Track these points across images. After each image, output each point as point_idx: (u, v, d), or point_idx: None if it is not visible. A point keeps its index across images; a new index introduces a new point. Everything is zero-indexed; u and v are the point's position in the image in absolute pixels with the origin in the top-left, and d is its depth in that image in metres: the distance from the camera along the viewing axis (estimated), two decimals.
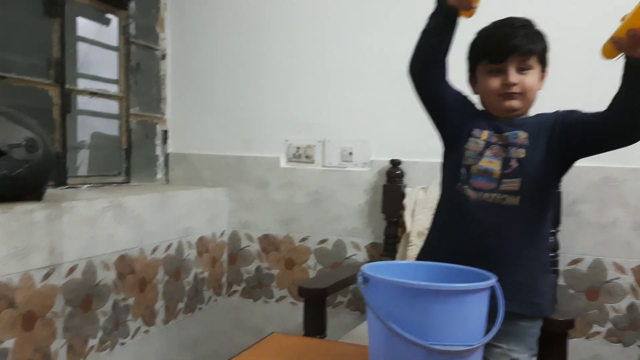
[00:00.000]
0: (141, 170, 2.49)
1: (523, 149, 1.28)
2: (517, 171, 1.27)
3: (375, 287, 1.03)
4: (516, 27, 1.27)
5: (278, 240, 2.45)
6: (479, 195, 1.29)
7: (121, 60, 2.37)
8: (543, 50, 1.30)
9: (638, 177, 1.97)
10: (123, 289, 1.87)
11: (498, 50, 1.27)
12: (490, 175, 1.28)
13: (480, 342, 1.00)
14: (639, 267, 1.98)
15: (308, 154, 2.41)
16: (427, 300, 0.97)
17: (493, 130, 1.31)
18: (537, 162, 1.26)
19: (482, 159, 1.30)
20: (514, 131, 1.30)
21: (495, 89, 1.29)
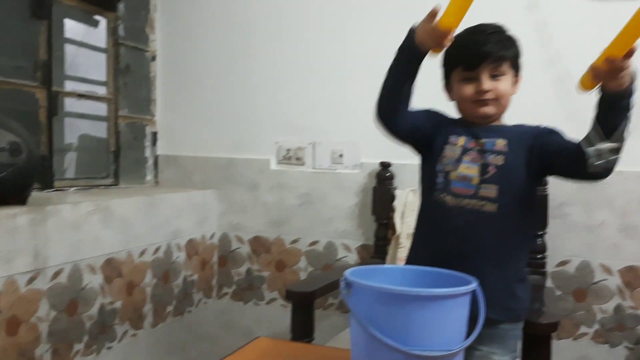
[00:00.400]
0: (130, 172, 2.48)
1: (502, 156, 1.29)
2: (495, 177, 1.27)
3: (357, 292, 1.03)
4: (488, 33, 1.28)
5: (269, 242, 2.45)
6: (457, 201, 1.29)
7: (110, 62, 2.36)
8: (515, 56, 1.32)
9: (624, 180, 1.97)
10: (110, 292, 1.87)
11: (471, 58, 1.28)
12: (469, 181, 1.29)
13: (460, 346, 1.00)
14: (626, 268, 1.98)
15: (298, 155, 2.40)
16: (407, 306, 0.97)
17: (470, 136, 1.32)
18: (516, 169, 1.27)
19: (461, 165, 1.30)
20: (491, 138, 1.30)
21: (469, 96, 1.30)
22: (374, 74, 2.15)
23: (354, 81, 2.30)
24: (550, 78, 2.05)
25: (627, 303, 1.99)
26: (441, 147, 1.34)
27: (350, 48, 2.31)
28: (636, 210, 1.97)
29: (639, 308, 1.98)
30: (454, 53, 1.31)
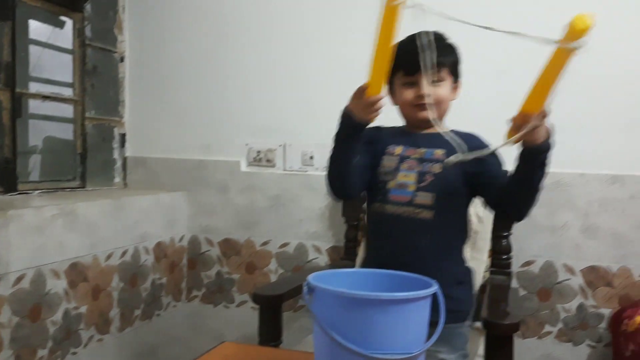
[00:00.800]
0: (98, 174, 2.45)
1: (439, 165, 1.34)
2: (431, 185, 1.32)
3: (319, 296, 1.04)
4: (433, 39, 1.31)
5: (239, 244, 2.44)
6: (395, 209, 1.33)
7: (76, 63, 2.32)
8: (454, 63, 1.38)
9: (586, 182, 2.02)
10: (75, 297, 1.84)
11: (411, 63, 1.32)
12: (406, 189, 1.33)
13: (421, 349, 1.01)
14: (588, 268, 2.03)
15: (269, 157, 2.40)
16: (368, 310, 0.98)
17: (408, 145, 1.37)
18: (452, 179, 1.31)
19: (399, 174, 1.35)
20: (430, 148, 1.35)
21: (409, 100, 1.35)
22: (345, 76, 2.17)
23: (325, 83, 2.31)
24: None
25: (589, 302, 2.03)
26: (380, 158, 1.38)
27: (320, 50, 2.31)
28: (597, 211, 2.01)
29: (600, 307, 2.02)
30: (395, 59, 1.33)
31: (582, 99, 2.03)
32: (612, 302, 2.01)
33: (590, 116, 2.02)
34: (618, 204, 2.00)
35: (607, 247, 2.01)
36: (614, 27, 2.00)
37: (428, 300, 1.03)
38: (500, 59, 2.11)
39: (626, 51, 1.99)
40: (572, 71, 2.05)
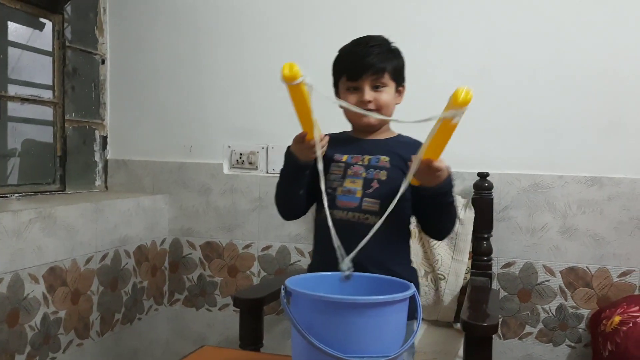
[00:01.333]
0: (78, 177, 2.43)
1: (385, 171, 1.36)
2: (377, 192, 1.35)
3: (296, 301, 1.04)
4: (370, 45, 1.35)
5: (221, 247, 2.43)
6: (343, 214, 1.35)
7: (56, 65, 2.30)
8: (396, 68, 1.38)
9: (564, 184, 2.04)
10: (53, 301, 1.82)
11: (353, 68, 1.36)
12: (354, 195, 1.36)
13: (398, 351, 1.02)
14: (567, 269, 2.05)
15: (251, 160, 2.40)
16: (345, 313, 0.98)
17: (353, 152, 1.40)
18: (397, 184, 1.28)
19: (346, 181, 1.37)
20: (376, 155, 1.38)
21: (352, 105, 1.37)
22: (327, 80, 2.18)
23: None
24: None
25: (568, 303, 2.06)
26: (328, 167, 1.39)
27: (302, 52, 2.31)
28: (575, 213, 2.04)
29: (579, 308, 2.05)
30: (339, 63, 1.41)
31: (560, 102, 2.05)
32: (591, 303, 2.03)
33: (569, 119, 2.05)
34: (596, 205, 2.02)
35: (585, 248, 2.03)
36: (592, 31, 2.03)
37: (405, 303, 1.03)
38: (481, 62, 2.13)
39: (603, 55, 2.02)
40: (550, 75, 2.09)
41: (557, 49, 2.05)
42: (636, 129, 1.99)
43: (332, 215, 1.33)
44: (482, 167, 2.05)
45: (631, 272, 1.99)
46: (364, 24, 1.40)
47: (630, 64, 1.99)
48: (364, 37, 1.40)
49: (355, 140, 1.43)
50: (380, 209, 1.33)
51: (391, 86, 1.38)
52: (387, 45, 1.39)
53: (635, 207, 1.99)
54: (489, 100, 2.11)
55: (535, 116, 2.07)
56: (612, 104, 2.01)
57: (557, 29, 2.05)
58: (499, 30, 2.11)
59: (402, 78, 1.43)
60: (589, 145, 2.03)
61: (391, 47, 1.40)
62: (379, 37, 1.40)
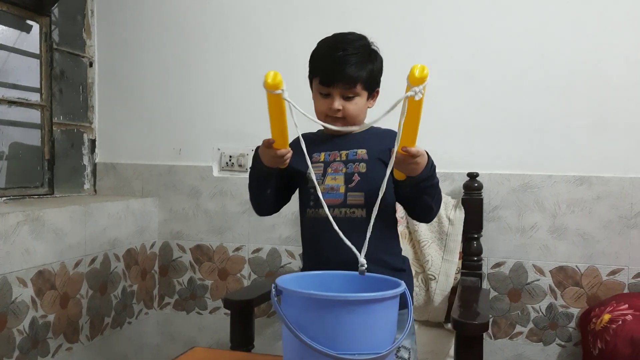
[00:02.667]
0: (67, 181, 2.41)
1: (364, 164, 1.36)
2: (359, 185, 1.35)
3: (287, 299, 1.03)
4: (348, 54, 1.32)
5: (211, 250, 2.42)
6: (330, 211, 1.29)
7: (43, 68, 2.29)
8: (370, 75, 1.35)
9: (553, 183, 2.06)
10: (42, 305, 1.81)
11: (326, 75, 1.35)
12: (337, 191, 1.36)
13: (389, 348, 1.01)
14: (557, 269, 2.06)
15: (241, 162, 2.39)
16: (336, 311, 0.98)
17: (329, 150, 1.40)
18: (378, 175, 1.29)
19: (327, 178, 1.37)
20: (353, 149, 1.38)
21: (322, 111, 1.38)
22: None
23: (296, 87, 2.30)
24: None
25: (558, 302, 2.07)
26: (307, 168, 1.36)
27: (290, 54, 2.31)
28: (565, 212, 2.05)
29: (569, 306, 2.06)
30: (314, 64, 1.40)
31: (549, 102, 2.07)
32: (581, 302, 2.04)
33: (557, 119, 2.06)
34: (585, 204, 2.04)
35: (575, 247, 2.04)
36: (579, 32, 2.04)
37: (396, 300, 1.03)
38: (469, 62, 2.14)
39: (590, 55, 2.03)
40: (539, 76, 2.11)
41: (545, 49, 2.07)
42: (624, 128, 2.01)
43: (317, 214, 1.37)
44: (472, 167, 2.06)
45: (620, 270, 2.01)
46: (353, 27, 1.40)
47: (618, 64, 2.01)
48: (344, 38, 1.37)
49: (330, 137, 1.43)
50: (365, 201, 1.34)
51: (363, 95, 1.36)
52: (365, 50, 1.35)
53: (623, 205, 2.00)
54: (478, 101, 2.12)
55: (524, 116, 2.09)
56: (600, 104, 2.03)
57: (545, 30, 2.07)
58: (487, 30, 2.12)
59: (377, 83, 1.40)
60: (577, 145, 2.05)
61: (369, 50, 1.37)
62: (358, 41, 1.37)
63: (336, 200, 1.35)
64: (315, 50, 1.41)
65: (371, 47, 1.38)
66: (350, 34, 1.38)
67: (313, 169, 1.36)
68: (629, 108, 2.01)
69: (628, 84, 2.00)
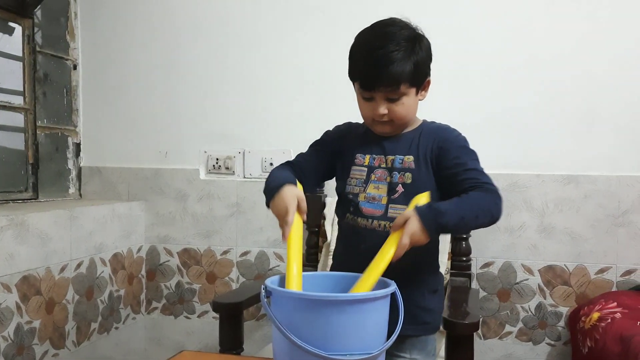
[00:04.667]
0: (51, 185, 2.38)
1: (410, 173, 1.24)
2: (403, 197, 1.23)
3: (277, 300, 1.02)
4: (389, 51, 1.17)
5: (199, 253, 2.40)
6: (368, 222, 1.25)
7: (26, 71, 2.26)
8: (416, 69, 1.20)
9: (541, 183, 2.06)
10: (27, 311, 1.78)
11: (366, 79, 1.21)
12: (379, 202, 1.25)
13: (380, 349, 1.01)
14: (545, 268, 2.07)
15: (228, 165, 2.38)
16: (326, 311, 0.97)
17: (376, 153, 1.28)
18: (425, 187, 1.21)
19: (369, 186, 1.26)
20: (399, 155, 1.26)
21: (366, 116, 1.26)
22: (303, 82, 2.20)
23: (283, 89, 2.30)
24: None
25: (547, 301, 2.07)
26: (349, 168, 1.30)
27: (279, 57, 2.30)
28: (553, 211, 2.05)
29: (558, 306, 2.06)
30: (354, 66, 1.25)
31: (536, 102, 2.08)
32: (570, 301, 2.05)
33: (544, 119, 2.07)
34: (573, 203, 2.04)
35: (563, 246, 2.05)
36: (566, 33, 2.05)
37: (386, 300, 1.03)
38: (457, 63, 2.14)
39: (577, 56, 2.04)
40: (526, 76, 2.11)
41: (532, 50, 2.07)
42: (610, 127, 2.03)
43: (356, 222, 1.27)
44: None
45: (608, 269, 2.02)
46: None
47: (604, 64, 2.02)
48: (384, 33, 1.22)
49: (378, 138, 1.29)
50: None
51: (410, 93, 1.22)
52: (407, 42, 1.20)
53: (611, 204, 2.01)
54: (465, 102, 2.12)
55: (512, 116, 2.09)
56: (587, 104, 2.04)
57: (532, 30, 2.08)
58: (475, 31, 2.12)
59: (425, 74, 1.25)
60: (564, 145, 2.06)
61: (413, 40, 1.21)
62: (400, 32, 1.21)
63: (377, 211, 1.24)
64: (352, 47, 1.26)
65: (415, 34, 1.23)
66: (390, 23, 1.24)
67: (356, 172, 1.28)
68: (615, 107, 2.02)
69: (614, 84, 2.02)
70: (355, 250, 1.27)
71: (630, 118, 2.01)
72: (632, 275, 2.00)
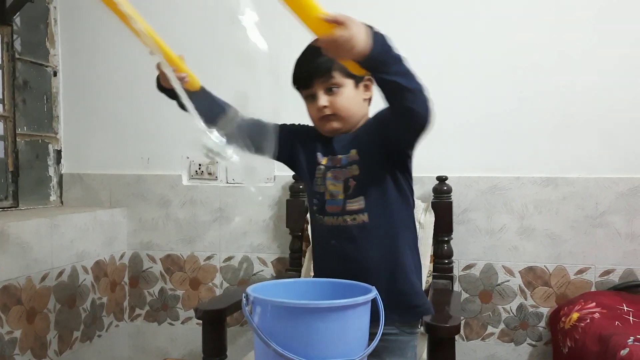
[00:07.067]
0: (32, 193, 2.36)
1: (355, 165, 1.28)
2: (357, 190, 1.27)
3: (258, 308, 1.03)
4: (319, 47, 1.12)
5: (182, 260, 2.39)
6: (333, 220, 1.29)
7: (5, 78, 2.24)
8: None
9: (521, 185, 2.09)
10: (8, 321, 1.76)
11: (301, 77, 1.28)
12: (337, 198, 1.29)
13: (362, 354, 1.02)
14: (526, 269, 2.09)
15: (211, 170, 2.37)
16: (307, 318, 0.98)
17: (329, 154, 1.32)
18: (372, 175, 1.26)
19: (329, 185, 1.30)
20: (345, 154, 1.30)
21: (313, 115, 1.30)
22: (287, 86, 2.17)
23: (264, 94, 2.30)
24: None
25: (528, 302, 2.10)
26: (314, 169, 1.33)
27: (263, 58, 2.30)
28: (532, 213, 2.08)
29: (539, 306, 2.09)
30: (293, 74, 1.30)
31: (515, 106, 2.10)
32: (550, 301, 2.08)
33: (523, 122, 2.10)
34: (552, 205, 2.07)
35: (543, 247, 2.08)
36: (542, 40, 2.08)
37: (367, 305, 1.04)
38: (438, 68, 2.16)
39: (553, 61, 2.07)
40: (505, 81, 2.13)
41: (512, 57, 2.09)
42: (587, 130, 2.06)
43: (323, 221, 1.31)
44: (441, 171, 2.07)
45: (587, 269, 2.05)
46: None
47: (579, 69, 2.06)
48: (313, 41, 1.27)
49: (328, 139, 1.34)
50: (366, 205, 1.26)
51: (348, 85, 1.26)
52: None
53: (589, 205, 2.05)
54: (445, 106, 2.12)
55: (491, 120, 2.12)
56: (564, 107, 2.07)
57: (511, 37, 2.10)
58: (455, 37, 2.14)
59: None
60: (543, 147, 2.09)
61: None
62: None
63: (337, 207, 1.29)
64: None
65: None
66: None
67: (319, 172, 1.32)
68: (591, 111, 2.05)
69: (590, 88, 2.05)
70: (328, 246, 1.32)
71: (607, 122, 2.04)
72: (610, 275, 2.03)
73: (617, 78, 2.03)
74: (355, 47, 0.99)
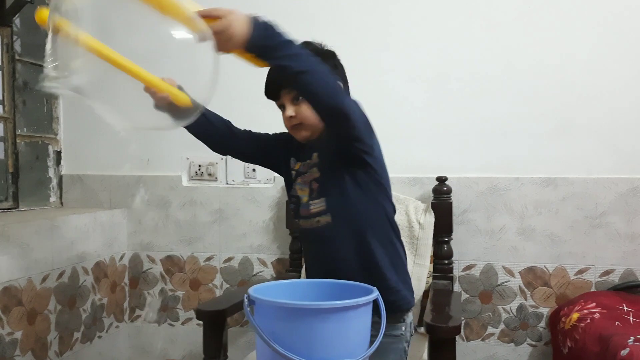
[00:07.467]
0: (32, 194, 2.36)
1: (315, 168, 1.34)
2: (318, 192, 1.33)
3: (259, 309, 1.03)
4: None
5: (182, 260, 2.39)
6: (307, 222, 1.35)
7: (5, 79, 2.23)
8: None
9: (520, 186, 2.09)
10: (9, 322, 1.76)
11: (269, 89, 1.33)
12: (306, 202, 1.35)
13: (363, 355, 1.02)
14: (526, 269, 2.10)
15: (210, 171, 2.37)
16: (309, 319, 0.98)
17: (301, 160, 1.39)
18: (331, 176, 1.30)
19: (297, 189, 1.38)
20: (308, 159, 1.37)
21: (285, 125, 1.36)
22: None
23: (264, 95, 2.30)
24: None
25: (528, 302, 2.10)
26: (290, 174, 1.40)
27: None
28: (532, 213, 2.09)
29: (539, 306, 2.09)
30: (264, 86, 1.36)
31: (514, 107, 2.11)
32: (550, 301, 2.08)
33: (523, 123, 2.10)
34: (552, 205, 2.08)
35: (543, 248, 2.08)
36: (541, 39, 2.09)
37: (369, 306, 1.04)
38: (436, 68, 2.16)
39: (553, 61, 2.08)
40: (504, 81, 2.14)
41: (509, 55, 2.10)
42: (586, 130, 2.06)
43: (300, 225, 1.38)
44: (441, 171, 2.08)
45: (587, 269, 2.05)
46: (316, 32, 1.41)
47: (579, 69, 2.06)
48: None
49: (302, 145, 1.40)
50: (327, 205, 1.30)
51: None
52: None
53: (588, 206, 2.05)
54: (445, 106, 2.15)
55: (491, 121, 2.12)
56: (563, 108, 2.08)
57: (509, 37, 2.11)
58: (455, 37, 2.15)
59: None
60: (543, 148, 2.09)
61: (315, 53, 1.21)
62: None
63: (306, 211, 1.35)
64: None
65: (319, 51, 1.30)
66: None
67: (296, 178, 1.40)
68: (590, 111, 2.06)
69: (589, 88, 2.06)
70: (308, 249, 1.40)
71: (606, 123, 2.05)
72: (610, 275, 2.03)
73: (616, 78, 2.04)
74: (235, 36, 0.99)
